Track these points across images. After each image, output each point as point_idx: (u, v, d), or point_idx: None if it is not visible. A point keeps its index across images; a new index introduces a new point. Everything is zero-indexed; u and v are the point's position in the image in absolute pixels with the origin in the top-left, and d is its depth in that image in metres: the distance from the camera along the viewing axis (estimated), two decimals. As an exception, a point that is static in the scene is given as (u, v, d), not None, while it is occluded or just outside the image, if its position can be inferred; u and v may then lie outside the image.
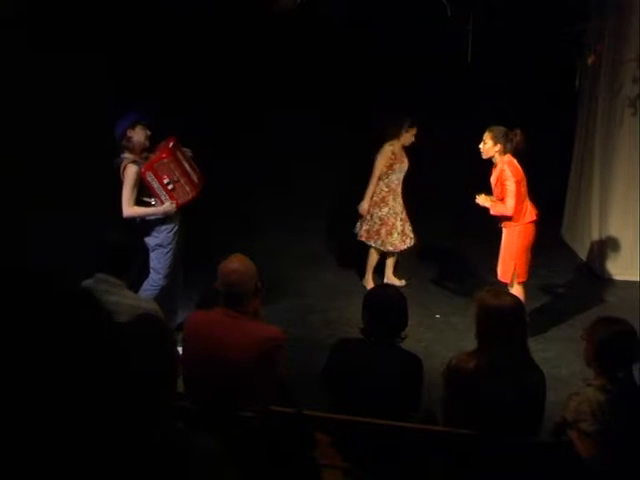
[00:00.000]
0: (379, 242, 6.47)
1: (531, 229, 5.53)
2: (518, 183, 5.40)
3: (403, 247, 6.57)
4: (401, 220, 6.50)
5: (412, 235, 6.59)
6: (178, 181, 4.98)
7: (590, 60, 7.09)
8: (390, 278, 6.76)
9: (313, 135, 8.79)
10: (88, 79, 5.88)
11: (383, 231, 6.44)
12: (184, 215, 5.30)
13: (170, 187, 4.96)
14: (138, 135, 4.95)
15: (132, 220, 5.03)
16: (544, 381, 3.15)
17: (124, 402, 1.89)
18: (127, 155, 4.97)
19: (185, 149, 5.21)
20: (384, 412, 3.09)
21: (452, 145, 8.96)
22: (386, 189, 6.43)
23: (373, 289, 3.47)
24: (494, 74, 9.26)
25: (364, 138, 8.31)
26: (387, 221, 6.43)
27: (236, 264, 3.23)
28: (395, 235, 6.46)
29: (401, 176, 6.47)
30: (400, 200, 6.51)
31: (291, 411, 3.08)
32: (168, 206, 5.00)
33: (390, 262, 6.79)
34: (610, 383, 2.97)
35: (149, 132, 5.00)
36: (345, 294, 6.51)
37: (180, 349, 3.24)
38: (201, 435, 1.97)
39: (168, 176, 4.95)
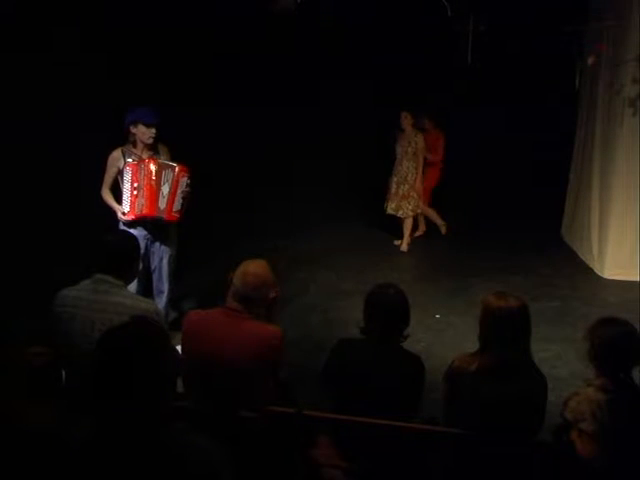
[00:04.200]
0: None
1: None
2: None
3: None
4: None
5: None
6: (141, 189, 4.98)
7: (590, 60, 7.09)
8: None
9: (314, 134, 8.79)
10: (91, 78, 5.90)
11: None
12: (185, 222, 5.28)
13: (135, 192, 4.99)
14: (139, 133, 5.04)
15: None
16: (545, 385, 3.14)
17: (124, 402, 1.89)
18: (129, 146, 5.11)
19: (185, 180, 5.10)
20: (385, 412, 3.09)
21: (452, 145, 8.96)
22: None
23: (375, 288, 3.45)
24: (494, 74, 9.27)
25: (365, 138, 8.35)
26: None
27: (256, 268, 3.26)
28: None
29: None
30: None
31: (291, 411, 3.08)
32: (119, 209, 5.08)
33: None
34: (610, 383, 2.96)
35: (153, 131, 5.04)
36: (345, 294, 6.52)
37: (179, 348, 3.24)
38: (201, 435, 1.97)
39: (138, 181, 4.98)
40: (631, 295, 6.50)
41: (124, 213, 5.04)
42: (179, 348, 3.23)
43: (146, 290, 5.21)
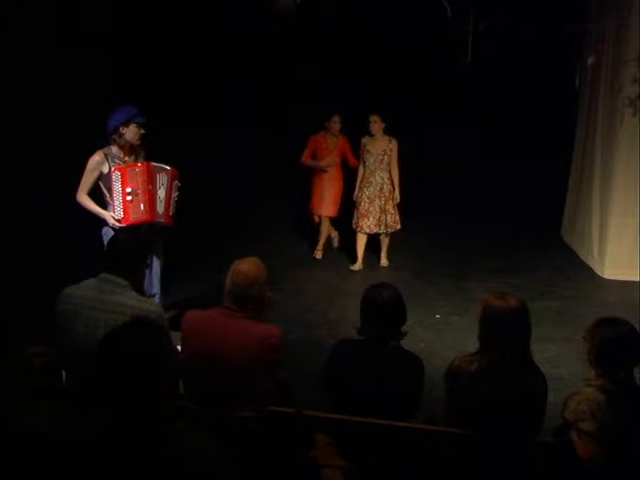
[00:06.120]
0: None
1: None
2: None
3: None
4: None
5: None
6: (137, 195, 4.80)
7: (590, 60, 7.09)
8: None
9: (313, 134, 8.78)
10: (87, 78, 5.90)
11: None
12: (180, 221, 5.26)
13: (129, 198, 4.79)
14: (130, 133, 4.86)
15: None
16: (545, 385, 3.14)
17: (125, 403, 1.89)
18: (113, 149, 4.91)
19: (177, 184, 5.04)
20: (384, 412, 3.09)
21: (451, 144, 8.97)
22: None
23: (369, 289, 3.45)
24: (494, 74, 9.27)
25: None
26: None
27: (246, 266, 3.24)
28: None
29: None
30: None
31: (291, 411, 3.08)
32: (110, 217, 4.84)
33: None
34: (610, 383, 2.96)
35: (143, 131, 4.91)
36: (345, 294, 6.51)
37: (179, 348, 3.24)
38: (201, 435, 1.97)
39: (132, 186, 4.79)
40: (631, 295, 6.50)
41: (119, 220, 4.82)
42: (179, 348, 3.24)
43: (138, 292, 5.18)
